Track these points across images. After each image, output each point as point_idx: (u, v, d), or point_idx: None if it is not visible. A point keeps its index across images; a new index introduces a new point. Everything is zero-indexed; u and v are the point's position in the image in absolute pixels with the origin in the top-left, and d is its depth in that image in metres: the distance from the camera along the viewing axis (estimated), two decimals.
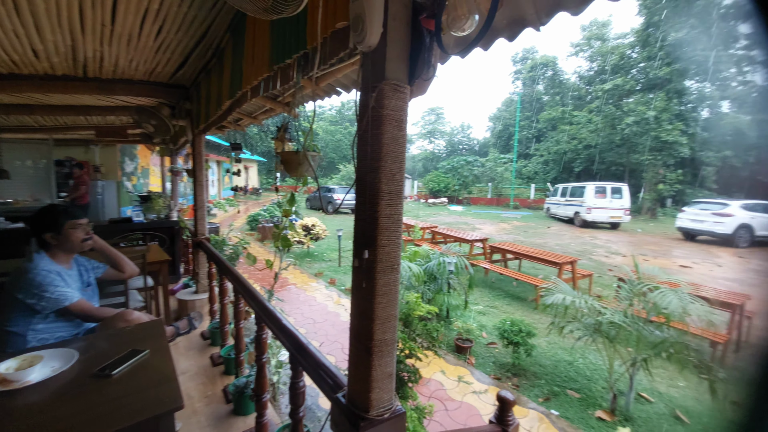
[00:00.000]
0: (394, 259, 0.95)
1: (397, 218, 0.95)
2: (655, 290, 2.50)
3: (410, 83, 0.98)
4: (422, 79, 1.01)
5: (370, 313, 0.94)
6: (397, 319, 1.01)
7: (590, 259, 8.45)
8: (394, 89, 0.94)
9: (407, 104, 0.97)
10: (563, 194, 16.73)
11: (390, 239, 0.94)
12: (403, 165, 0.95)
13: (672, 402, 2.90)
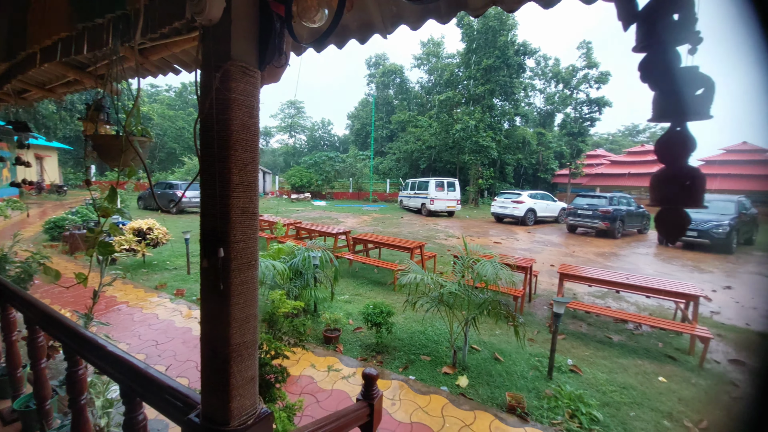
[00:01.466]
0: (251, 255, 0.89)
1: (252, 212, 0.89)
2: (477, 263, 3.16)
3: (261, 68, 0.93)
4: (274, 65, 0.97)
5: (225, 316, 0.86)
6: (258, 319, 0.96)
7: (434, 242, 9.91)
8: (243, 72, 0.87)
9: (258, 90, 0.92)
10: (412, 188, 19.02)
11: (245, 234, 0.88)
12: (256, 155, 0.89)
13: (492, 347, 3.72)
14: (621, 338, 4.11)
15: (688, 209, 0.80)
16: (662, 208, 0.80)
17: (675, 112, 0.77)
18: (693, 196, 0.77)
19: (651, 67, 0.78)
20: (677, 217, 0.77)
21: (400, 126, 36.25)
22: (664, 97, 0.78)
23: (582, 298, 5.48)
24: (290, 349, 2.02)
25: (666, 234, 0.82)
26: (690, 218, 0.75)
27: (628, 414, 2.73)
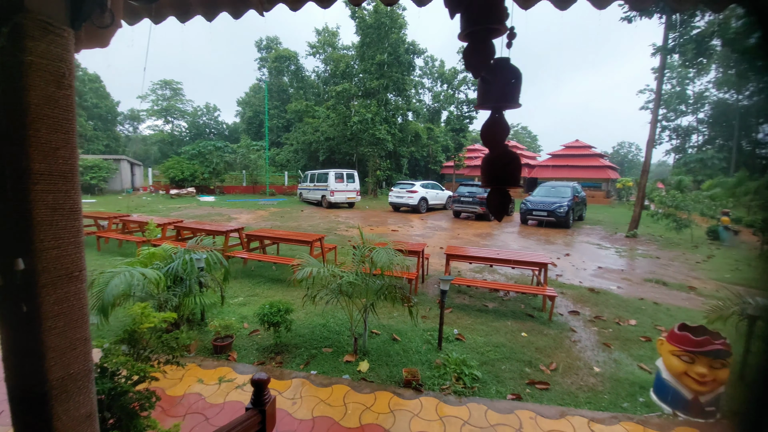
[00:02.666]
0: (73, 265, 0.71)
1: (70, 210, 0.70)
2: (373, 251, 3.27)
3: (74, 26, 0.73)
4: (95, 24, 0.77)
5: (36, 345, 0.66)
6: (90, 344, 0.77)
7: (335, 234, 9.91)
8: (44, 29, 0.67)
9: (71, 54, 0.72)
10: (312, 180, 18.59)
11: (61, 239, 0.69)
12: (72, 137, 0.70)
13: (390, 329, 3.93)
14: (494, 305, 4.82)
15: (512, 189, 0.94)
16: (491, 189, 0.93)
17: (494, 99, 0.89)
18: (513, 177, 0.91)
19: (471, 54, 0.88)
20: (502, 196, 0.91)
21: (297, 116, 34.81)
22: (486, 86, 0.90)
23: (465, 274, 6.22)
24: (160, 369, 1.74)
25: (494, 212, 0.96)
26: (511, 198, 0.90)
27: (500, 368, 3.22)
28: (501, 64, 0.80)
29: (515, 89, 0.80)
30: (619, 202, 28.05)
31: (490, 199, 0.82)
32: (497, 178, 0.81)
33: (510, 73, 0.80)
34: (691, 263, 7.99)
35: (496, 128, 0.82)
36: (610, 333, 4.07)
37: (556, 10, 1.49)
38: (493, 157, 0.82)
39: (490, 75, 0.79)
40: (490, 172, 0.83)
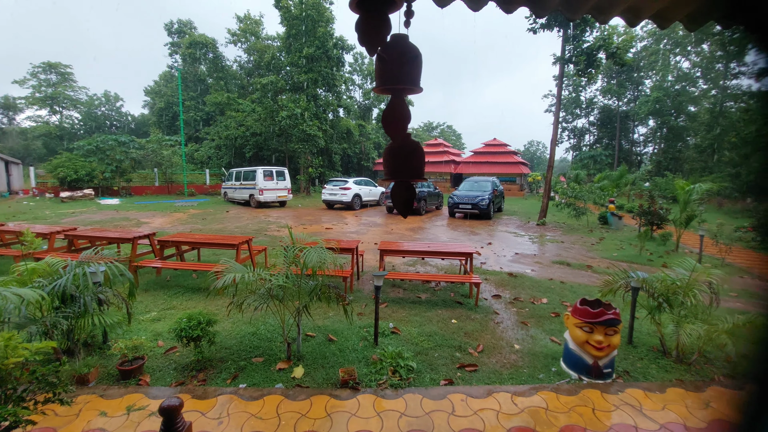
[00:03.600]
0: None
1: None
2: (303, 251, 3.14)
3: None
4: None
5: None
6: None
7: (266, 235, 9.39)
8: None
9: None
10: (237, 178, 17.35)
11: None
12: None
13: (326, 330, 3.84)
14: (427, 296, 5.02)
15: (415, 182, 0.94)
16: (395, 183, 0.92)
17: (393, 80, 0.87)
18: (418, 168, 0.91)
19: (364, 27, 0.84)
20: (407, 190, 0.91)
21: (217, 108, 32.10)
22: (383, 65, 0.87)
23: (399, 268, 6.38)
24: (37, 410, 1.42)
25: (399, 207, 0.94)
26: (415, 191, 0.89)
27: (433, 356, 3.35)
28: (398, 41, 0.77)
29: (415, 70, 0.78)
30: (530, 195, 31.43)
31: (396, 194, 0.80)
32: (401, 170, 0.79)
33: (408, 51, 0.77)
34: (588, 245, 9.29)
35: (397, 114, 0.79)
36: (527, 312, 4.52)
37: (472, 13, 1.56)
38: (396, 147, 0.80)
39: (386, 53, 0.77)
40: (393, 163, 0.80)
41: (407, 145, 0.82)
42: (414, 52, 0.76)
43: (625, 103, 36.30)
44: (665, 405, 2.72)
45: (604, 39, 12.57)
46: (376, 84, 0.76)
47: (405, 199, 0.79)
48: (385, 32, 0.74)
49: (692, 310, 3.28)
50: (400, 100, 0.77)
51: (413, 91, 0.78)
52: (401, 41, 0.75)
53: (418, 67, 0.77)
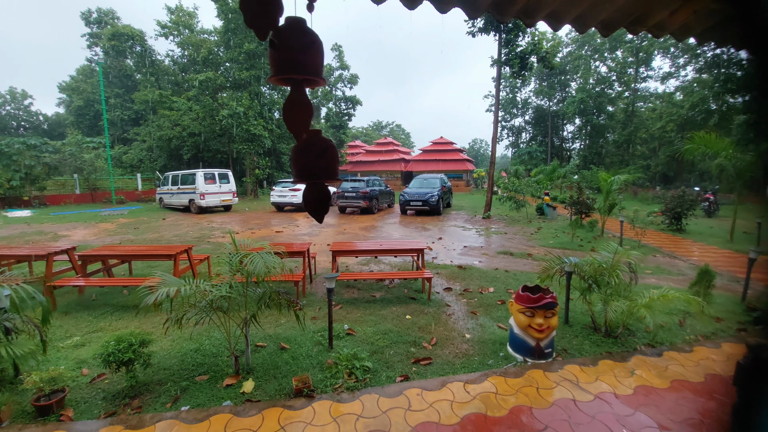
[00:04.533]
0: None
1: None
2: (247, 258, 2.96)
3: None
4: None
5: None
6: None
7: (209, 242, 8.78)
8: None
9: None
10: (174, 182, 16.04)
11: None
12: None
13: (278, 338, 3.67)
14: (381, 294, 5.03)
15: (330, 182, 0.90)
16: (307, 185, 0.87)
17: (290, 69, 0.81)
18: (331, 168, 0.86)
19: (252, 10, 0.77)
20: (320, 192, 0.86)
21: (148, 107, 29.36)
22: (276, 52, 0.80)
23: (352, 268, 6.33)
24: None
25: (312, 211, 0.90)
26: (330, 193, 0.86)
27: (389, 354, 3.36)
28: (293, 25, 0.71)
29: (314, 58, 0.72)
30: (476, 190, 33.07)
31: (308, 197, 0.75)
32: (313, 171, 0.75)
33: (305, 36, 0.71)
34: (528, 235, 9.99)
35: (298, 107, 0.74)
36: (476, 302, 4.73)
37: (408, 11, 1.56)
38: (305, 145, 0.75)
39: (279, 38, 0.71)
40: (303, 163, 0.75)
41: (317, 143, 0.77)
42: (311, 38, 0.71)
43: (555, 103, 39.62)
44: (598, 377, 3.00)
45: (534, 44, 13.58)
46: (272, 72, 0.71)
47: (318, 202, 0.74)
48: (276, 14, 0.68)
49: (616, 288, 3.66)
50: (301, 92, 0.72)
51: (316, 83, 0.74)
52: (297, 25, 0.69)
53: (316, 55, 0.72)
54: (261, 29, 0.65)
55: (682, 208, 10.54)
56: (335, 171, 0.75)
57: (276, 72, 0.68)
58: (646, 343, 3.59)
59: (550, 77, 38.42)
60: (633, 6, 1.71)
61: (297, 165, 0.72)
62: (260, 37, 0.68)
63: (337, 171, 0.76)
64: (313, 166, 0.73)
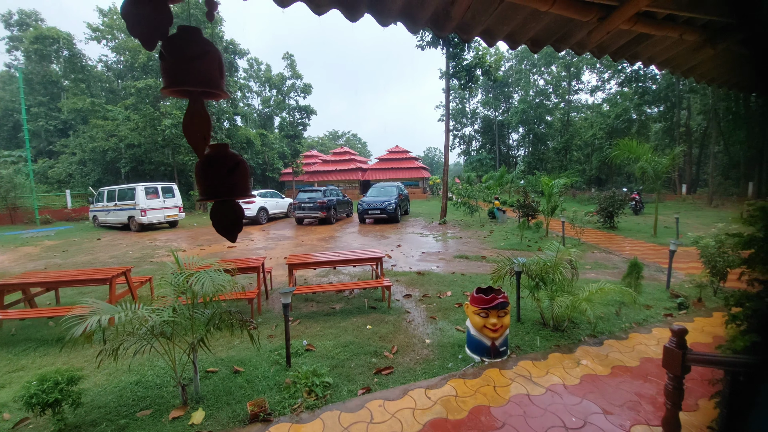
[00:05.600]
0: None
1: None
2: (192, 277, 2.77)
3: None
4: None
5: None
6: None
7: (152, 262, 8.11)
8: None
9: None
10: (111, 198, 14.66)
11: None
12: None
13: (231, 361, 3.45)
14: (341, 305, 4.95)
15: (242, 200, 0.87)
16: (216, 204, 0.82)
17: (182, 81, 0.77)
18: (242, 185, 0.83)
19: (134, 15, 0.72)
20: (232, 211, 0.82)
21: (79, 116, 26.74)
22: (168, 63, 0.76)
23: (311, 281, 6.18)
24: None
25: (224, 231, 0.84)
26: (243, 211, 0.81)
27: (350, 366, 3.30)
28: (184, 34, 0.67)
29: (209, 68, 0.69)
30: (432, 197, 34.02)
31: (219, 217, 0.71)
32: (224, 189, 0.71)
33: (197, 47, 0.67)
34: (481, 238, 10.44)
35: (196, 120, 0.71)
36: (435, 306, 4.82)
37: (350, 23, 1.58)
38: (208, 161, 0.72)
39: (169, 48, 0.67)
40: (212, 180, 0.70)
41: (225, 159, 0.74)
42: (204, 47, 0.68)
43: (500, 113, 42.22)
44: (548, 370, 3.17)
45: (479, 58, 14.42)
46: (164, 83, 0.67)
47: (231, 221, 0.70)
48: (165, 22, 0.65)
49: (560, 285, 3.92)
50: (198, 105, 0.69)
51: (215, 96, 0.71)
52: (188, 35, 0.66)
53: (211, 65, 0.69)
54: (147, 39, 0.61)
55: (613, 207, 11.66)
56: (248, 188, 0.71)
57: (167, 83, 0.63)
58: (589, 334, 3.88)
59: (495, 89, 40.91)
60: (556, 26, 1.88)
61: (204, 183, 0.67)
62: (147, 47, 0.64)
63: (250, 187, 0.73)
64: (224, 183, 0.69)
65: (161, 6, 0.59)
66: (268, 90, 34.19)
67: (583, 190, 29.55)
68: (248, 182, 0.69)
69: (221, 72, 0.65)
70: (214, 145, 0.71)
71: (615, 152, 11.36)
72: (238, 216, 0.71)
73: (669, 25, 1.84)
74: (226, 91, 0.66)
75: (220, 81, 0.65)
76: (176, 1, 0.60)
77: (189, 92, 0.65)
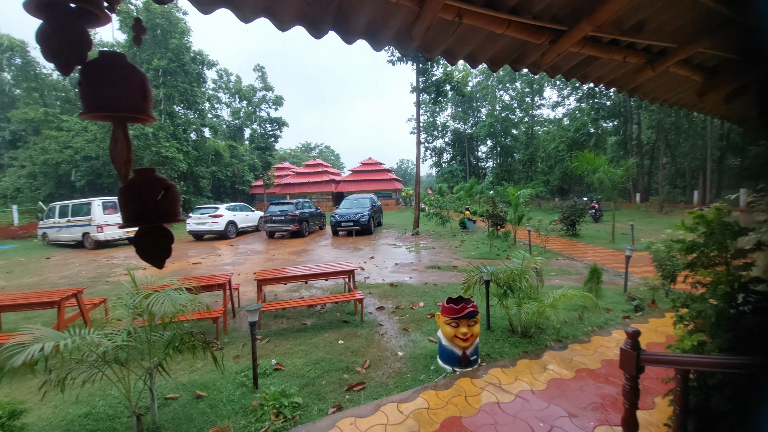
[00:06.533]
0: None
1: None
2: (150, 297, 2.61)
3: None
4: None
5: None
6: None
7: (108, 282, 7.60)
8: None
9: None
10: (63, 214, 13.66)
11: None
12: None
13: (194, 385, 3.26)
14: (313, 320, 4.84)
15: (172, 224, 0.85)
16: (141, 229, 0.77)
17: (99, 106, 0.74)
18: (172, 210, 0.80)
19: (50, 39, 0.72)
20: (161, 235, 0.78)
21: (30, 127, 24.93)
22: (85, 88, 0.75)
23: (282, 296, 6.00)
24: None
25: (150, 258, 0.80)
26: (172, 235, 0.78)
27: (321, 384, 3.21)
28: (104, 59, 0.66)
29: (130, 93, 0.67)
30: (405, 208, 34.35)
31: (143, 243, 0.68)
32: (152, 214, 0.68)
33: (116, 72, 0.66)
34: (453, 248, 10.63)
35: (119, 146, 0.70)
36: (407, 318, 4.82)
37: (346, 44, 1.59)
38: (133, 186, 0.69)
39: (86, 73, 0.66)
40: (139, 206, 0.68)
41: (154, 184, 0.72)
42: (123, 72, 0.66)
43: (469, 126, 43.70)
44: (517, 376, 3.24)
45: (447, 74, 14.95)
46: (83, 107, 0.65)
47: (161, 247, 0.67)
48: (82, 48, 0.64)
49: (527, 292, 4.05)
50: (120, 131, 0.68)
51: (141, 120, 0.69)
52: (108, 60, 0.65)
53: (131, 90, 0.67)
54: (63, 63, 0.59)
55: (575, 216, 12.28)
56: (178, 212, 0.69)
57: (85, 109, 0.61)
58: (554, 339, 4.01)
59: (463, 103, 42.40)
60: (512, 48, 1.99)
61: (129, 208, 0.65)
62: (63, 72, 0.62)
63: (179, 212, 0.71)
64: (154, 209, 0.66)
65: (79, 31, 0.57)
66: (238, 101, 33.51)
67: (548, 199, 30.99)
68: (178, 207, 0.67)
69: (145, 96, 0.63)
70: (139, 169, 0.69)
71: (575, 164, 12.06)
72: (167, 242, 0.68)
73: (613, 49, 2.00)
74: (152, 116, 0.64)
75: (144, 105, 0.63)
76: (96, 26, 0.59)
77: (111, 117, 0.62)
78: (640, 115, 28.16)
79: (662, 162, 25.61)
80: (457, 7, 1.55)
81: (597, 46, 1.95)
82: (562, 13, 1.71)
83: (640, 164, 27.20)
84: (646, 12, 1.74)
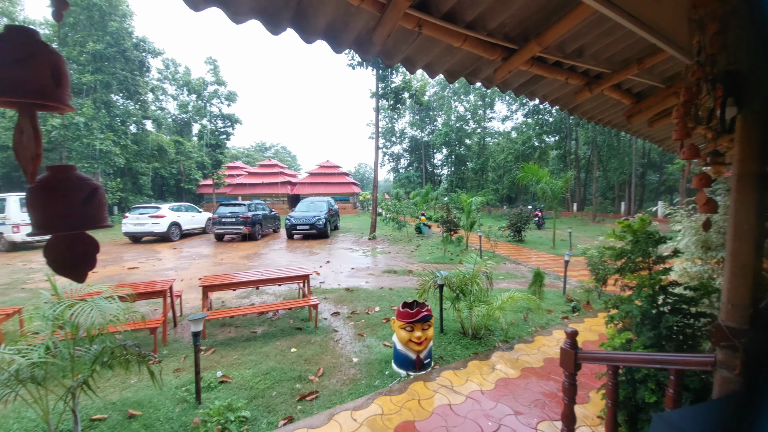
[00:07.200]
0: None
1: None
2: (75, 306, 2.32)
3: None
4: None
5: None
6: None
7: (25, 289, 6.66)
8: None
9: None
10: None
11: None
12: None
13: (126, 404, 2.95)
14: (264, 328, 4.63)
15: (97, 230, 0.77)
16: (57, 237, 0.67)
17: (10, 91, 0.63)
18: (99, 215, 0.70)
19: None
20: (84, 244, 0.68)
21: None
22: None
23: (230, 303, 5.67)
24: None
25: (69, 269, 0.70)
26: (98, 244, 0.68)
27: (271, 396, 3.07)
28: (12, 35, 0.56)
29: (38, 75, 0.58)
30: (363, 212, 34.38)
31: (64, 252, 0.59)
32: (76, 220, 0.59)
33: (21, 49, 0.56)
34: (409, 253, 10.81)
35: (24, 138, 0.60)
36: (363, 323, 4.79)
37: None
38: (48, 186, 0.61)
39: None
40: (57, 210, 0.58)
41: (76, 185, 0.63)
42: (31, 49, 0.57)
43: (426, 134, 44.99)
44: (468, 378, 3.35)
45: (406, 82, 15.28)
46: None
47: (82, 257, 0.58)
48: None
49: (478, 295, 4.23)
50: (25, 120, 0.59)
51: (54, 109, 0.61)
52: (17, 36, 0.56)
53: (43, 72, 0.58)
54: None
55: (520, 222, 13.11)
56: (105, 218, 0.62)
57: None
58: (502, 340, 4.22)
59: (421, 112, 43.58)
60: (468, 61, 2.08)
61: (43, 212, 0.56)
62: None
63: (106, 217, 0.64)
64: (78, 214, 0.58)
65: None
66: (187, 94, 31.36)
67: (497, 207, 32.82)
68: (105, 212, 0.59)
69: (58, 80, 0.54)
70: (55, 167, 0.60)
71: (521, 174, 12.90)
72: (93, 249, 0.60)
73: (557, 70, 2.17)
74: (69, 104, 0.55)
75: (57, 91, 0.54)
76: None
77: (15, 103, 0.53)
78: (577, 132, 30.91)
79: (596, 175, 28.33)
80: (417, 17, 1.58)
81: (543, 66, 2.11)
82: (514, 32, 1.82)
83: (577, 177, 29.86)
84: (585, 38, 1.91)
